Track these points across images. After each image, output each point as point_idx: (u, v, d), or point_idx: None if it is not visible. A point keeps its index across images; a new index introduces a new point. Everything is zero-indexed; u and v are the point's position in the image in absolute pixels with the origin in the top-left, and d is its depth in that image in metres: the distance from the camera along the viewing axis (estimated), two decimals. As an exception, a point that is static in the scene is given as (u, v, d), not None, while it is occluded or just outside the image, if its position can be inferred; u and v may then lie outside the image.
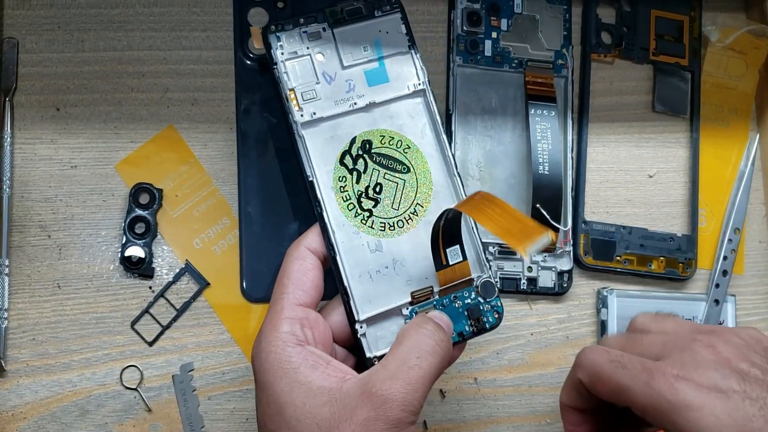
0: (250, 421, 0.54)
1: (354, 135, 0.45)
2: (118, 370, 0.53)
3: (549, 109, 0.57)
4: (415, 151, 0.46)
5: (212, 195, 0.55)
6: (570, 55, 0.59)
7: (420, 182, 0.46)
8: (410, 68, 0.47)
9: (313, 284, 0.43)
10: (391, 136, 0.46)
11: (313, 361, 0.40)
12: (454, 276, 0.45)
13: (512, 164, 0.58)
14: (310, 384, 0.39)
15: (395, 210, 0.45)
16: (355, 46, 0.46)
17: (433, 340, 0.40)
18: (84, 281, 0.53)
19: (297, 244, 0.44)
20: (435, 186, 0.46)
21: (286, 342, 0.40)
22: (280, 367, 0.39)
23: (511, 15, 0.59)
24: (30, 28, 0.54)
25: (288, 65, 0.45)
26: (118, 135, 0.54)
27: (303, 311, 0.42)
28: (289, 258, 0.43)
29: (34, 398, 0.52)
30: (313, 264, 0.43)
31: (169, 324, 0.54)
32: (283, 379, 0.39)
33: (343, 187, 0.45)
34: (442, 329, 0.42)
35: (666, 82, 0.62)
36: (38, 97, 0.54)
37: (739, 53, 0.63)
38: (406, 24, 0.47)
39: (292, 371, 0.39)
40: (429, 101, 0.47)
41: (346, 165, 0.45)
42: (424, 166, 0.46)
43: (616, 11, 0.61)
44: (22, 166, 0.53)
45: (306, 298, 0.42)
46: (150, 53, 0.55)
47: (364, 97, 0.46)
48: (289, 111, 0.45)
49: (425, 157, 0.46)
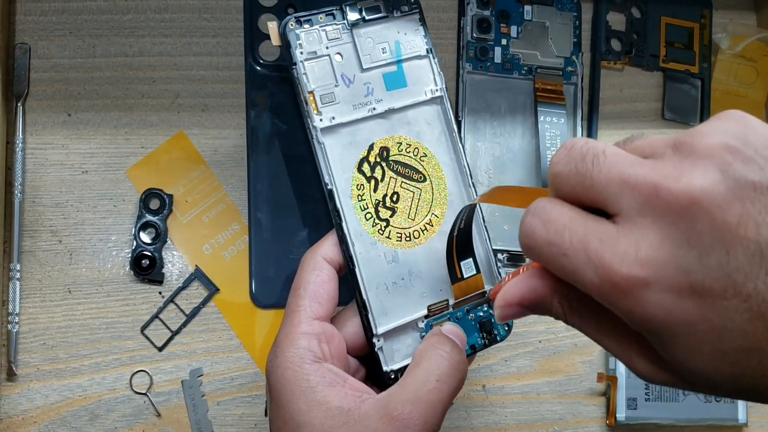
0: (258, 426, 0.54)
1: (372, 141, 0.44)
2: (127, 374, 0.53)
3: (558, 116, 0.57)
4: (431, 159, 0.45)
5: (222, 200, 0.55)
6: (580, 62, 0.59)
7: (436, 192, 0.45)
8: (428, 73, 0.46)
9: (329, 296, 0.42)
10: (408, 144, 0.45)
11: (331, 379, 0.39)
12: (468, 289, 0.44)
13: (521, 171, 0.58)
14: (329, 404, 0.38)
15: (411, 220, 0.45)
16: (373, 48, 0.45)
17: (451, 362, 0.40)
18: (94, 286, 0.53)
19: (313, 253, 0.43)
20: (450, 196, 0.46)
21: (303, 358, 0.39)
22: (297, 385, 0.39)
23: (521, 22, 0.59)
24: (42, 33, 0.55)
25: (307, 66, 0.43)
26: (129, 140, 0.55)
27: (320, 325, 0.41)
28: (304, 267, 0.43)
29: (44, 402, 0.52)
30: (329, 275, 0.42)
31: (178, 329, 0.54)
32: (300, 398, 0.38)
33: (361, 196, 0.44)
34: (459, 349, 0.41)
35: (676, 89, 0.62)
36: (50, 102, 0.54)
37: (750, 61, 0.63)
38: (424, 26, 0.46)
39: (310, 390, 0.38)
40: (446, 108, 0.46)
41: (364, 172, 0.44)
42: (439, 175, 0.46)
43: (626, 18, 0.61)
44: (33, 171, 0.54)
45: (322, 311, 0.41)
46: (161, 59, 0.55)
47: (382, 102, 0.45)
48: (308, 115, 0.43)
49: (441, 166, 0.46)
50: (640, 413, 0.58)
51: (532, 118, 0.58)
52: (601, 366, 0.59)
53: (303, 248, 0.54)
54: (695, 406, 0.59)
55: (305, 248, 0.54)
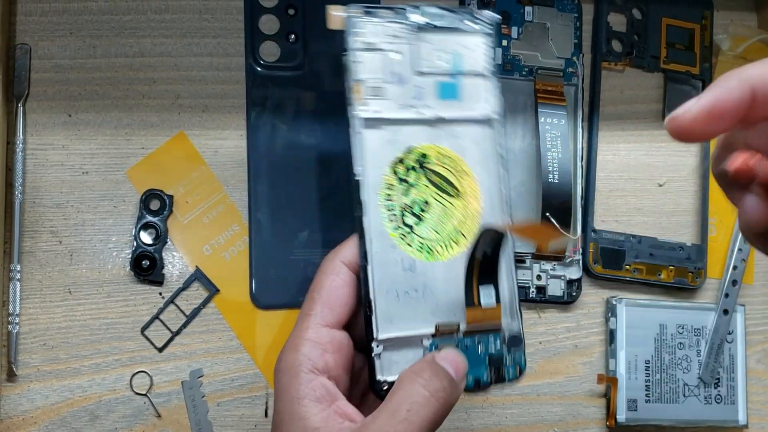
0: (258, 427, 0.54)
1: (412, 144, 0.43)
2: (128, 375, 0.53)
3: (559, 117, 0.57)
4: (469, 178, 0.44)
5: (222, 201, 0.55)
6: (580, 63, 0.59)
7: (468, 212, 0.43)
8: (486, 94, 0.45)
9: (343, 302, 0.40)
10: (450, 157, 0.43)
11: (319, 395, 0.38)
12: (484, 318, 0.42)
13: (522, 172, 0.58)
14: (307, 421, 0.37)
15: (436, 233, 0.43)
16: (434, 54, 0.44)
17: (427, 391, 0.38)
18: (95, 287, 0.53)
19: (332, 257, 0.42)
20: (482, 219, 0.44)
21: (301, 366, 0.38)
22: (287, 392, 0.38)
23: (522, 23, 0.59)
24: (42, 34, 0.54)
25: (360, 55, 0.42)
26: (129, 141, 0.55)
27: (328, 334, 0.40)
28: (322, 271, 0.41)
29: (44, 403, 0.52)
30: (346, 280, 0.41)
31: (178, 330, 0.54)
32: (286, 406, 0.38)
33: (389, 196, 0.42)
34: (443, 376, 0.39)
35: (677, 90, 0.62)
36: (50, 103, 0.54)
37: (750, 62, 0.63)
38: (493, 47, 0.44)
39: (296, 401, 0.38)
40: (498, 133, 0.44)
41: (398, 174, 0.43)
42: (475, 195, 0.44)
43: (627, 19, 0.61)
44: (33, 171, 0.54)
45: (333, 318, 0.40)
46: (161, 60, 0.55)
47: (431, 110, 0.43)
48: (351, 103, 0.42)
49: (479, 188, 0.44)
50: (640, 415, 0.58)
51: (532, 120, 0.58)
52: (601, 367, 0.59)
53: (303, 249, 0.54)
54: (695, 407, 0.59)
55: (306, 249, 0.55)
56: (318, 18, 0.56)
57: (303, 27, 0.56)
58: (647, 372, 0.58)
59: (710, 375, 0.59)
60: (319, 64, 0.57)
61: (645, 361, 0.58)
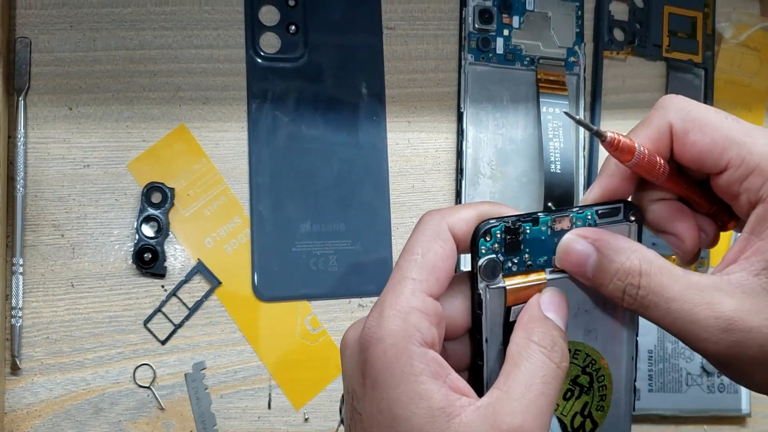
0: (261, 419, 0.54)
1: None
2: (131, 368, 0.53)
3: (561, 106, 0.57)
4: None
5: (224, 194, 0.55)
6: (582, 53, 0.59)
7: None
8: None
9: (448, 275, 0.35)
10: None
11: (434, 371, 0.33)
12: None
13: (524, 162, 0.58)
14: (431, 401, 0.32)
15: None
16: None
17: (554, 362, 0.33)
18: (97, 280, 0.53)
19: (439, 218, 0.35)
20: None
21: (411, 338, 0.33)
22: (399, 369, 0.32)
23: (523, 12, 0.58)
24: (42, 27, 0.54)
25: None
26: (131, 134, 0.55)
27: (433, 305, 0.34)
28: (425, 231, 0.35)
29: (48, 396, 0.52)
30: (452, 250, 0.35)
31: (181, 323, 0.54)
32: (401, 385, 0.32)
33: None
34: (560, 332, 0.34)
35: (679, 79, 0.61)
36: (51, 96, 0.54)
37: (753, 50, 0.62)
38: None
39: (414, 379, 0.32)
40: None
41: None
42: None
43: (629, 7, 0.61)
44: (35, 165, 0.54)
45: (437, 289, 0.34)
46: (161, 52, 0.55)
47: None
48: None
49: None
50: (643, 404, 0.58)
51: (534, 109, 0.58)
52: (605, 357, 0.59)
53: (305, 241, 0.54)
54: (698, 396, 0.59)
55: (307, 241, 0.55)
56: (318, 8, 0.57)
57: (303, 18, 0.56)
58: (650, 361, 0.58)
59: (713, 364, 0.59)
60: (320, 55, 0.56)
61: (648, 350, 0.58)
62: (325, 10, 0.57)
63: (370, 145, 0.57)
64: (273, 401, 0.54)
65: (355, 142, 0.57)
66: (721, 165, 0.33)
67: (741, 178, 0.33)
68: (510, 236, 0.34)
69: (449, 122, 0.58)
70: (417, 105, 0.58)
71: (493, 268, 0.34)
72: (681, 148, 0.34)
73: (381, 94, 0.57)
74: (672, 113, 0.35)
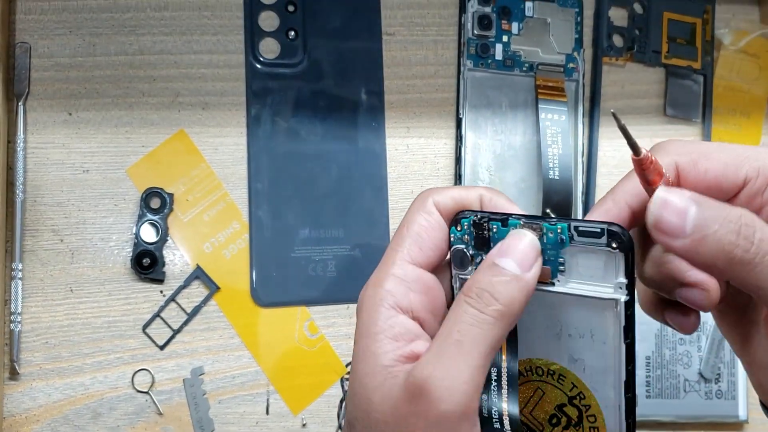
0: (260, 424, 0.54)
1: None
2: (129, 373, 0.53)
3: (560, 112, 0.57)
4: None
5: (223, 199, 0.55)
6: (581, 59, 0.59)
7: None
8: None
9: (434, 244, 0.36)
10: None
11: (397, 333, 0.34)
12: None
13: (522, 168, 0.58)
14: (378, 357, 0.34)
15: None
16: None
17: (475, 309, 0.33)
18: (96, 285, 0.54)
19: (425, 196, 0.37)
20: None
21: (382, 301, 0.35)
22: (365, 326, 0.35)
23: (522, 18, 0.59)
24: (42, 32, 0.54)
25: None
26: (130, 139, 0.55)
27: (414, 272, 0.35)
28: (413, 208, 0.37)
29: (47, 401, 0.52)
30: (438, 223, 0.36)
31: (180, 328, 0.54)
32: (360, 341, 0.35)
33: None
34: (496, 286, 0.33)
35: (678, 85, 0.62)
36: (50, 101, 0.54)
37: (753, 56, 0.62)
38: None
39: (372, 336, 0.34)
40: None
41: None
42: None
43: (628, 14, 0.61)
44: (34, 170, 0.54)
45: (422, 258, 0.36)
46: (161, 57, 0.55)
47: None
48: None
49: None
50: (641, 410, 0.58)
51: (533, 115, 0.58)
52: (602, 363, 0.59)
53: (303, 246, 0.55)
54: (696, 402, 0.59)
55: (306, 246, 0.55)
56: (318, 14, 0.57)
57: (303, 23, 0.56)
58: (648, 368, 0.58)
59: (711, 371, 0.59)
60: (320, 61, 0.56)
61: (645, 357, 0.58)
62: (325, 15, 0.57)
63: (369, 150, 0.57)
64: (271, 406, 0.55)
65: (354, 147, 0.57)
66: (738, 182, 0.33)
67: (761, 188, 0.33)
68: (477, 231, 0.34)
69: (448, 128, 0.58)
70: (416, 111, 0.58)
71: (461, 258, 0.35)
72: (695, 179, 0.33)
73: (380, 100, 0.57)
74: (673, 153, 0.34)
